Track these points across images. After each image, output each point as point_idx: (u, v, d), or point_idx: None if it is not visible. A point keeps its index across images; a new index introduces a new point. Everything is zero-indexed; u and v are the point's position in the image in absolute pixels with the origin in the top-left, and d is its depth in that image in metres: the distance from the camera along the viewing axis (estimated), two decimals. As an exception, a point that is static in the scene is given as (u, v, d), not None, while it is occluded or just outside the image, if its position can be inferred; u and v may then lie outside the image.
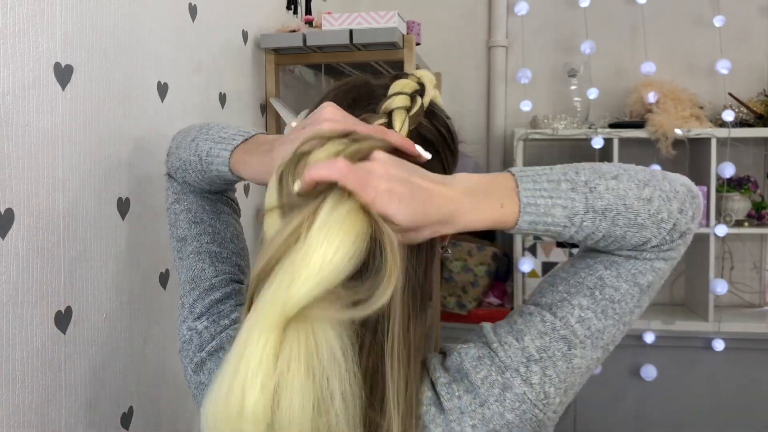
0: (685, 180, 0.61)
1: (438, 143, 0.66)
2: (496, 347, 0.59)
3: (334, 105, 0.60)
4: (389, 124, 0.61)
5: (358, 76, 0.70)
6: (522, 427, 0.58)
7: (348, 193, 0.50)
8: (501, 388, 0.58)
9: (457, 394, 0.58)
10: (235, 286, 0.74)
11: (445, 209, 0.54)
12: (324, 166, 0.50)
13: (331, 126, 0.56)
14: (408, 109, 0.62)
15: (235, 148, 0.71)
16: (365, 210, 0.50)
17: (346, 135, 0.55)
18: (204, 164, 0.74)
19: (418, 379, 0.59)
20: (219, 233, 0.79)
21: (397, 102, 0.62)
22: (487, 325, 0.63)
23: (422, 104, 0.63)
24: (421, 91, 0.64)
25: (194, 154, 0.76)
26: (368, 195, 0.50)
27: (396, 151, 0.58)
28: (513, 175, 0.57)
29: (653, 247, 0.59)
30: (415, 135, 0.63)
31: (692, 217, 0.60)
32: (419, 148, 0.59)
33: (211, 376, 0.67)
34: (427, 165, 0.60)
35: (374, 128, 0.58)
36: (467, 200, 0.55)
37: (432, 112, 0.67)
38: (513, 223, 0.56)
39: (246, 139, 0.71)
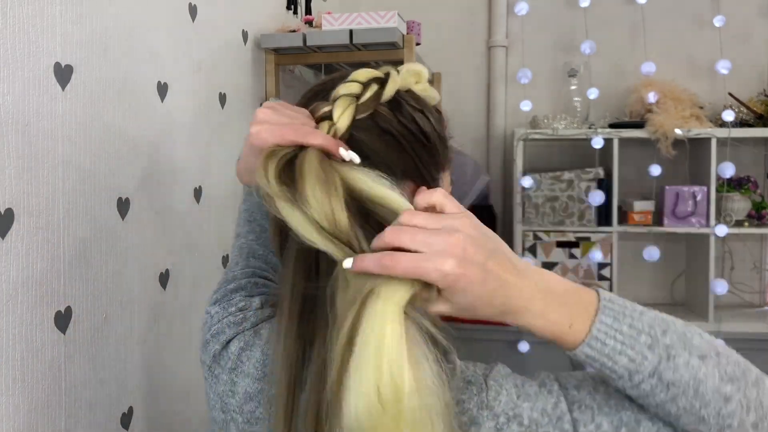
0: None
1: (401, 135, 0.62)
2: (491, 384, 0.57)
3: (269, 105, 0.59)
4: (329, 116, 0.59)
5: (338, 72, 0.68)
6: None
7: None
8: (470, 421, 0.55)
9: None
10: (252, 279, 0.75)
11: (513, 303, 0.51)
12: (394, 264, 0.49)
13: (258, 129, 0.56)
14: (358, 96, 0.60)
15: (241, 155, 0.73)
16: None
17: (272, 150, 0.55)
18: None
19: None
20: (265, 232, 0.80)
21: (343, 89, 0.60)
22: (499, 366, 0.61)
23: (377, 92, 0.61)
24: (382, 80, 0.62)
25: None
26: (433, 279, 0.49)
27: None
28: (599, 298, 0.53)
29: None
30: (371, 124, 0.61)
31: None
32: (344, 152, 0.56)
33: (211, 355, 0.68)
34: (393, 160, 0.60)
35: (299, 129, 0.56)
36: (539, 302, 0.51)
37: (397, 103, 0.62)
38: (572, 347, 0.53)
39: None
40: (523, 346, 2.18)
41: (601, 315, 0.52)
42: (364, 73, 0.62)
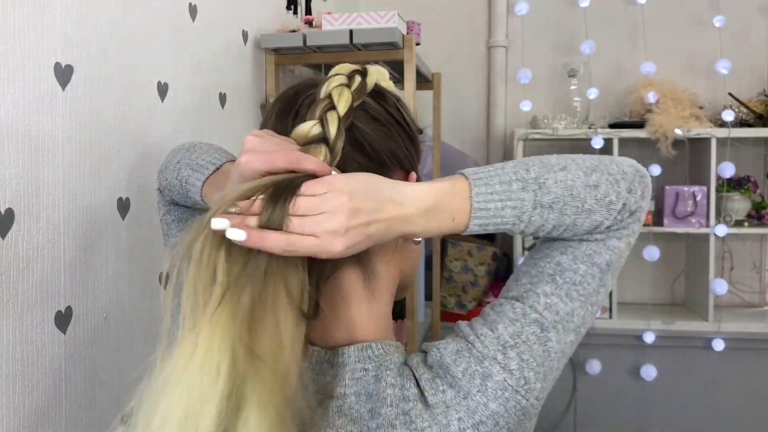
0: (632, 162, 0.64)
1: (389, 123, 0.65)
2: (473, 339, 0.60)
3: (257, 133, 0.59)
4: (331, 105, 0.60)
5: (296, 83, 0.68)
6: (508, 417, 0.58)
7: None
8: (481, 378, 0.58)
9: (441, 389, 0.59)
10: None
11: (398, 231, 0.57)
12: (297, 248, 0.53)
13: (248, 158, 0.56)
14: (348, 86, 0.62)
15: (206, 179, 0.73)
16: None
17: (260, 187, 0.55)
18: (184, 190, 0.78)
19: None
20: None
21: (334, 82, 0.61)
22: (462, 323, 0.64)
23: (364, 82, 0.63)
24: (361, 72, 0.64)
25: (176, 178, 0.79)
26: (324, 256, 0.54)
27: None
28: (468, 179, 0.59)
29: (606, 228, 0.62)
30: (362, 113, 0.63)
31: (641, 196, 0.63)
32: (336, 173, 0.57)
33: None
34: (386, 147, 0.62)
35: (291, 155, 0.56)
36: (421, 220, 0.57)
37: (380, 93, 0.66)
38: (464, 228, 0.59)
39: (217, 168, 0.72)
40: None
41: (474, 189, 0.58)
42: (345, 67, 0.64)
